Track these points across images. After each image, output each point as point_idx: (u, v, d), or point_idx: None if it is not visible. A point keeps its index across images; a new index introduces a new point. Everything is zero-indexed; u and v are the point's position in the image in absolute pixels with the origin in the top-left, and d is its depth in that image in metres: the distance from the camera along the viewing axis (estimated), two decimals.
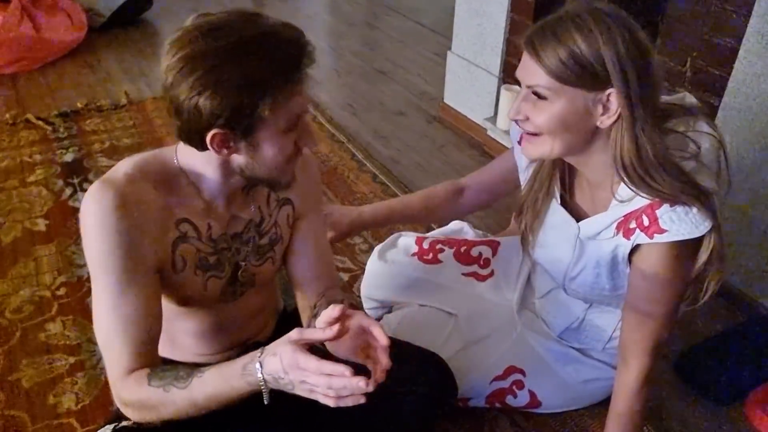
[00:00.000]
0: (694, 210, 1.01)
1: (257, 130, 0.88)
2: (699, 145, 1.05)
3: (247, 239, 1.06)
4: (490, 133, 2.59)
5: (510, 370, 1.42)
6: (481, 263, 1.58)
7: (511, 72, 1.09)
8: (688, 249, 1.05)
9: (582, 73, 0.96)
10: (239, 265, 1.06)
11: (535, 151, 1.07)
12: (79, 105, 2.83)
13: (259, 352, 0.86)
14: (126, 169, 0.95)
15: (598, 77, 0.96)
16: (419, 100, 3.09)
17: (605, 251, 1.15)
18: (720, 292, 1.13)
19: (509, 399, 1.42)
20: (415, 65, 3.49)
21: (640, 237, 1.06)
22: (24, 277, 1.83)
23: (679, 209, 1.01)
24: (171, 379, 0.91)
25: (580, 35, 0.95)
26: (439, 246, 1.59)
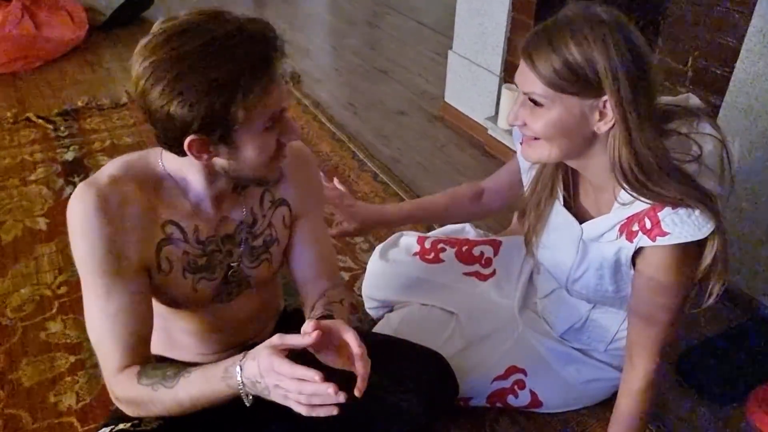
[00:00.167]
0: (696, 212, 1.00)
1: (234, 132, 0.86)
2: (701, 147, 1.04)
3: (240, 241, 1.05)
4: (491, 133, 2.59)
5: (511, 370, 1.42)
6: (483, 263, 1.58)
7: (512, 71, 1.09)
8: (691, 251, 1.05)
9: (576, 82, 0.96)
10: (231, 267, 1.05)
11: (534, 155, 1.08)
12: (80, 103, 2.83)
13: (242, 355, 0.86)
14: (111, 171, 0.95)
15: (592, 85, 0.96)
16: (420, 99, 3.09)
17: (608, 253, 1.15)
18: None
19: (510, 399, 1.42)
20: (416, 64, 3.49)
21: (642, 240, 1.06)
22: (24, 276, 1.83)
23: (681, 211, 1.01)
24: (159, 378, 0.91)
25: (573, 43, 0.95)
26: (441, 245, 1.59)
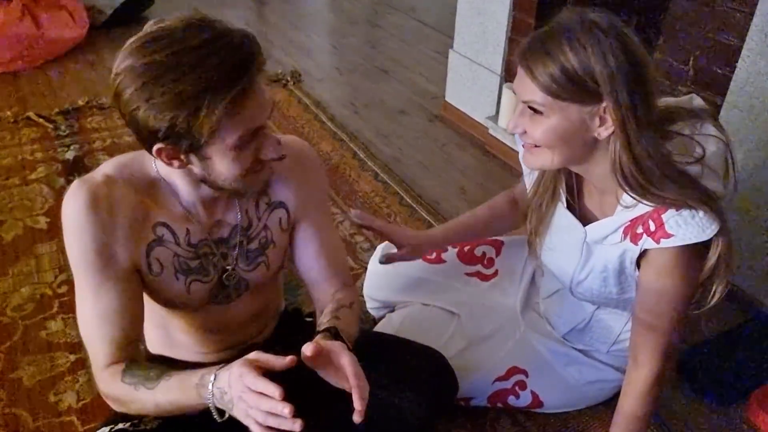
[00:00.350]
0: (700, 213, 1.00)
1: (203, 145, 0.84)
2: (705, 148, 1.04)
3: (234, 244, 1.04)
4: (491, 132, 2.59)
5: (512, 370, 1.41)
6: (485, 263, 1.57)
7: (513, 71, 1.08)
8: (695, 253, 1.04)
9: (574, 89, 0.96)
10: (226, 270, 1.05)
11: (536, 162, 1.08)
12: (81, 102, 2.83)
13: (221, 365, 0.86)
14: (106, 170, 0.96)
15: (591, 92, 0.96)
16: (421, 98, 3.09)
17: (612, 256, 1.14)
18: None
19: (511, 399, 1.42)
20: (417, 64, 3.49)
21: (647, 242, 1.06)
22: (25, 275, 1.83)
23: (685, 213, 1.00)
24: (142, 379, 0.91)
25: (570, 50, 0.95)
26: None
